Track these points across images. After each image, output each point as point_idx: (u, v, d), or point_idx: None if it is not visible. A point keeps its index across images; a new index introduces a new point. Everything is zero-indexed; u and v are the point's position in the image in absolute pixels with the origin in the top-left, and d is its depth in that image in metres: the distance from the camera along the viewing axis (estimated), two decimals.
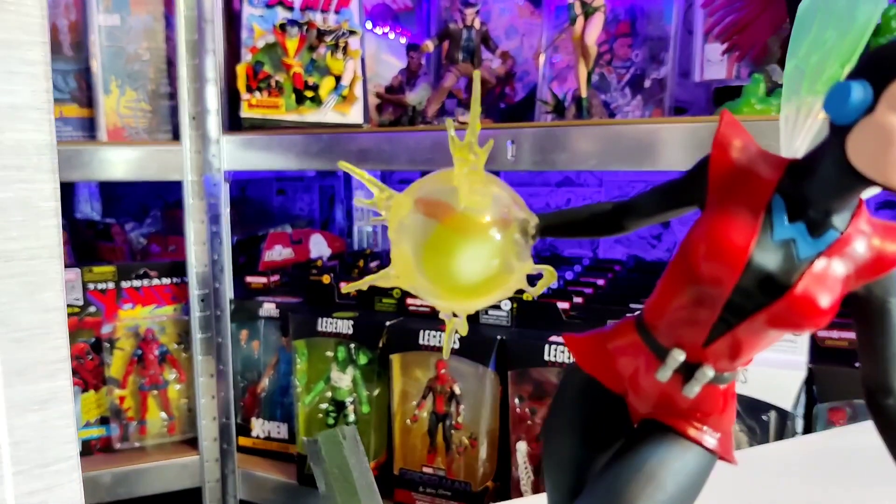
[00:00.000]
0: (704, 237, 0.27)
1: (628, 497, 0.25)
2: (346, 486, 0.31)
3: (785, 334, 0.27)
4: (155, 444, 1.22)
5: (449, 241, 0.29)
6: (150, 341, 1.20)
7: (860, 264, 0.27)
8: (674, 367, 0.27)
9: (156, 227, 1.47)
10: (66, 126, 1.15)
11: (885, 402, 0.28)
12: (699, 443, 0.27)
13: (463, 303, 0.31)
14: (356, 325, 1.07)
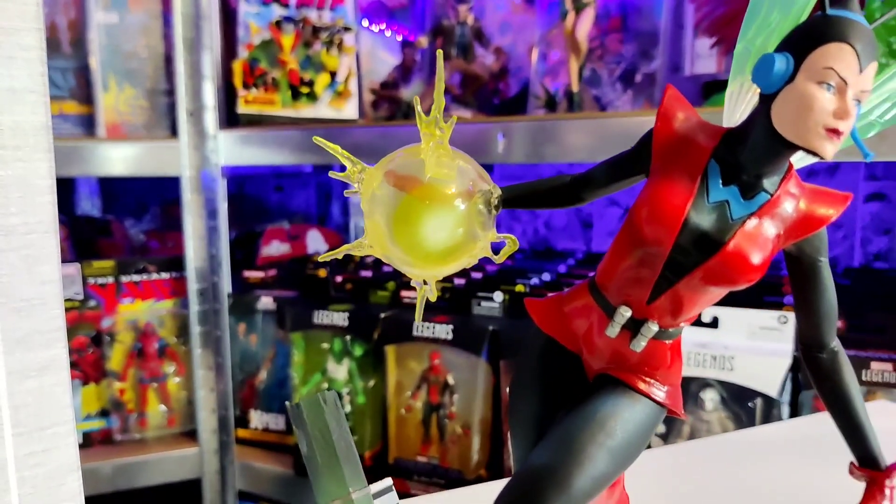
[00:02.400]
0: (646, 201, 0.29)
1: (579, 443, 0.27)
2: (327, 447, 0.32)
3: (722, 291, 0.29)
4: (155, 436, 1.23)
5: (416, 211, 0.31)
6: (150, 335, 1.21)
7: (789, 224, 0.28)
8: (621, 324, 0.29)
9: (155, 223, 1.49)
10: (66, 123, 1.17)
11: (818, 355, 0.30)
12: (648, 395, 0.29)
13: (432, 269, 0.33)
14: (351, 318, 1.09)
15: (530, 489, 0.26)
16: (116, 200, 1.68)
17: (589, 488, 0.27)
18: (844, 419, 0.30)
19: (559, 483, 0.26)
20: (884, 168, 1.18)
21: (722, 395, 0.87)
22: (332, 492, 0.32)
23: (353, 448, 0.33)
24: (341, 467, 0.33)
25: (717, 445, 0.76)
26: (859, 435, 0.30)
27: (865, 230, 1.20)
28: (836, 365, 0.30)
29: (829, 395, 0.30)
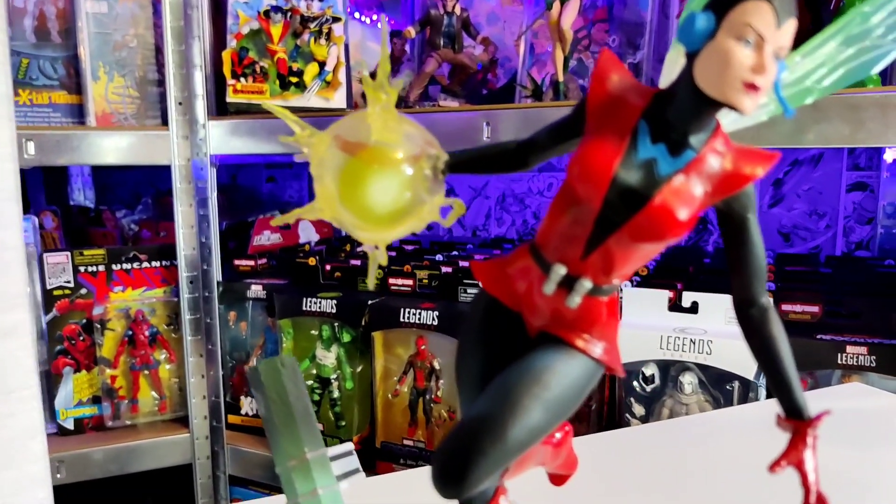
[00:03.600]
0: (577, 159, 0.30)
1: (515, 395, 0.28)
2: (284, 409, 0.34)
3: (652, 248, 0.30)
4: (146, 422, 1.25)
5: (362, 174, 0.32)
6: (141, 322, 1.23)
7: (716, 181, 0.29)
8: (557, 281, 0.30)
9: (147, 213, 1.50)
10: (56, 112, 1.18)
11: (749, 311, 0.31)
12: (584, 352, 0.30)
13: (380, 232, 0.34)
14: (339, 305, 1.10)
15: (467, 439, 0.27)
16: (110, 191, 1.69)
17: (524, 438, 0.28)
18: (773, 373, 0.31)
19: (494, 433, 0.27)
20: (866, 158, 1.19)
21: (700, 378, 0.88)
22: (288, 452, 0.34)
23: (311, 411, 0.35)
24: (298, 429, 0.34)
25: (695, 424, 0.77)
26: (786, 387, 0.31)
27: (848, 220, 1.21)
28: (766, 321, 0.31)
29: (759, 350, 0.31)
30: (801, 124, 0.83)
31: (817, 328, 0.89)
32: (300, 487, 0.33)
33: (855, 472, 0.62)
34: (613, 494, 0.59)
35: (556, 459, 0.35)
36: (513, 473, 0.31)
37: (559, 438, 0.34)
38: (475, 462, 0.27)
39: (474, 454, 0.27)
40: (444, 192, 0.34)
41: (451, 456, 0.27)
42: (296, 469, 0.33)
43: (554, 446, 0.34)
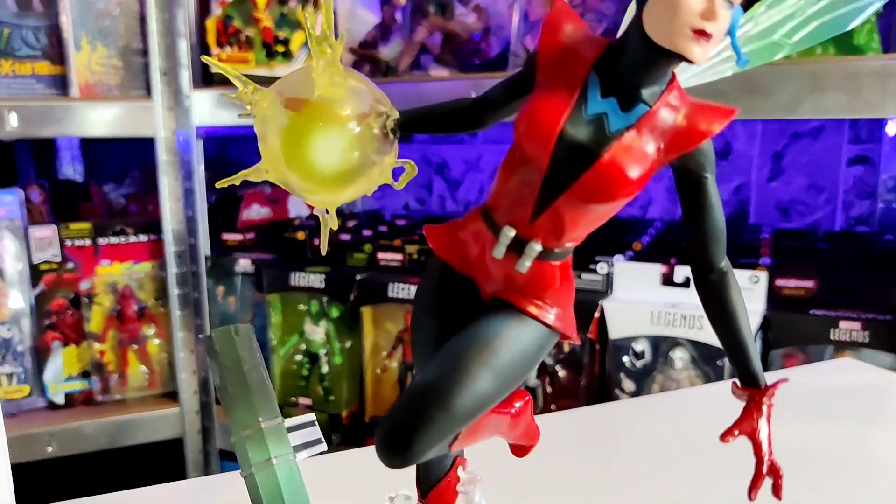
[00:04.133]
0: (524, 115, 0.28)
1: (463, 362, 0.27)
2: (239, 378, 0.32)
3: (603, 209, 0.28)
4: (136, 396, 1.24)
5: (305, 131, 0.30)
6: (129, 297, 1.21)
7: (670, 137, 0.27)
8: (506, 244, 0.29)
9: (135, 187, 1.48)
10: (39, 83, 1.15)
11: (707, 277, 0.29)
12: (536, 318, 0.28)
13: (328, 194, 0.32)
14: (328, 279, 1.09)
15: (413, 406, 0.26)
16: (99, 165, 1.67)
17: (472, 407, 0.26)
18: (729, 339, 0.30)
19: (441, 400, 0.26)
20: (868, 131, 1.17)
21: (692, 354, 0.87)
22: (243, 421, 0.32)
23: (267, 380, 0.33)
24: (252, 397, 0.32)
25: (684, 398, 0.76)
26: (742, 354, 0.29)
27: (848, 194, 1.19)
28: (724, 285, 0.29)
29: (716, 316, 0.30)
30: (797, 94, 0.81)
31: (811, 304, 0.87)
32: (254, 457, 0.32)
33: (844, 449, 0.61)
34: (601, 468, 0.58)
35: (515, 430, 0.33)
36: (463, 443, 0.30)
37: (518, 408, 0.33)
38: (421, 430, 0.26)
39: (420, 422, 0.26)
40: (395, 153, 0.32)
41: (396, 424, 0.26)
42: (250, 438, 0.32)
43: (512, 416, 0.33)
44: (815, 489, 0.55)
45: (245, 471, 0.32)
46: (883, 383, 0.75)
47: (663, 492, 0.55)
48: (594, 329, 0.92)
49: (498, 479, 0.55)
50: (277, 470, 0.32)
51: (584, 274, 0.97)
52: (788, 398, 0.73)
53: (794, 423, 0.67)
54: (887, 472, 0.59)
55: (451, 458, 0.34)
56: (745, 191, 1.27)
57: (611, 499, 0.54)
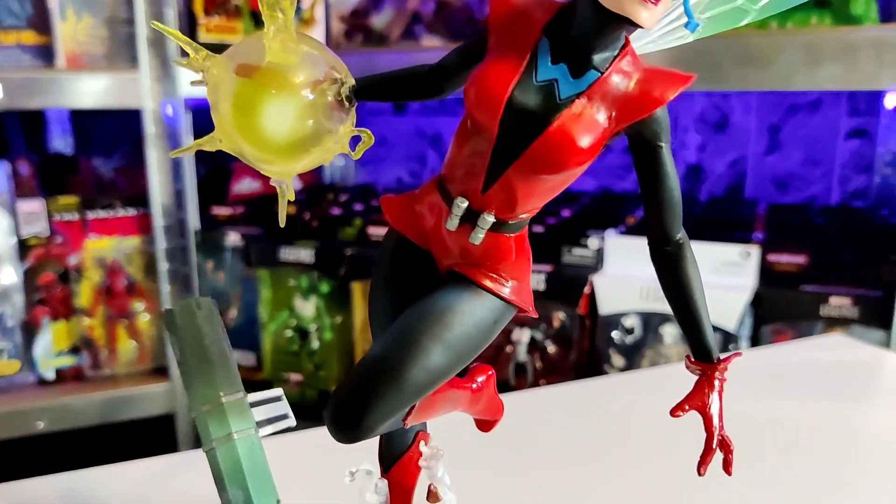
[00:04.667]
0: (473, 81, 0.27)
1: (415, 335, 0.26)
2: (199, 352, 0.31)
3: (556, 179, 0.27)
4: (126, 372, 1.24)
5: (255, 98, 0.29)
6: (117, 272, 1.21)
7: (621, 104, 0.26)
8: (459, 216, 0.28)
9: (125, 160, 1.46)
10: (25, 54, 1.13)
11: (663, 249, 0.29)
12: (492, 291, 0.28)
13: (283, 165, 0.31)
14: (317, 254, 1.08)
15: (364, 381, 0.25)
16: (90, 138, 1.65)
17: (423, 380, 0.26)
18: (683, 312, 0.29)
19: (392, 373, 0.25)
20: (866, 103, 1.15)
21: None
22: (203, 396, 0.31)
23: (229, 355, 0.32)
24: (213, 371, 0.32)
25: (673, 373, 0.75)
26: (696, 328, 0.28)
27: (845, 168, 1.18)
28: (680, 258, 0.28)
29: (671, 288, 0.29)
30: (793, 65, 0.79)
31: (803, 279, 0.86)
32: (214, 431, 0.31)
33: (832, 424, 0.61)
34: (588, 443, 0.57)
35: (477, 405, 0.33)
36: (419, 417, 0.29)
37: (480, 383, 0.32)
38: (371, 405, 0.25)
39: (370, 397, 0.25)
40: (353, 121, 0.31)
41: (346, 399, 0.25)
42: (210, 413, 0.31)
43: (473, 391, 0.32)
44: (803, 464, 0.55)
45: (206, 446, 0.31)
46: (872, 359, 0.75)
47: (651, 467, 0.54)
48: (584, 304, 0.91)
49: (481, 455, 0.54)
50: (238, 445, 0.31)
51: (575, 249, 0.96)
52: (777, 374, 0.73)
53: (782, 398, 0.67)
54: (875, 448, 0.59)
55: (413, 433, 0.33)
56: (742, 164, 1.25)
57: (598, 474, 0.54)
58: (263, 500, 0.31)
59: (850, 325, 0.82)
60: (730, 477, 0.29)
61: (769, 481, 0.52)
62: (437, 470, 0.32)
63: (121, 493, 0.52)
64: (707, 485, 0.51)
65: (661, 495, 0.50)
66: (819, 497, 0.50)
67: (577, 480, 0.52)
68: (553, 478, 0.53)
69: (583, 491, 0.51)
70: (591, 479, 0.53)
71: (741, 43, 0.82)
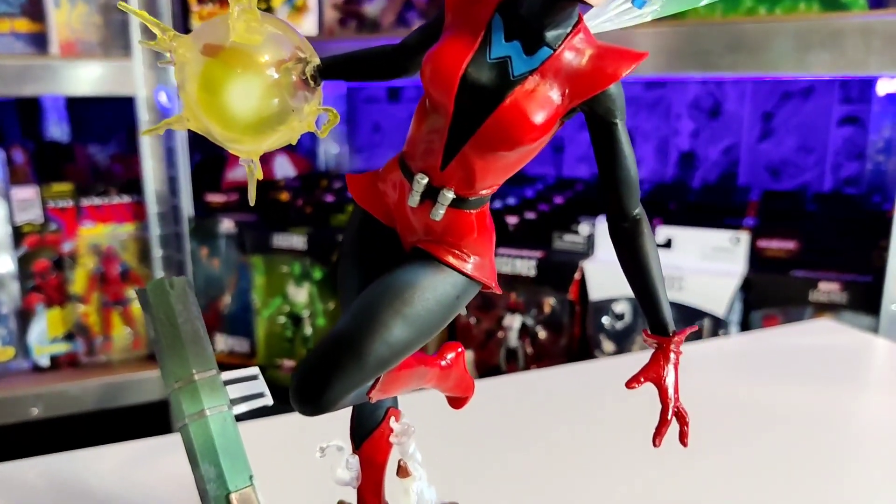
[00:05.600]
0: (429, 59, 0.27)
1: (376, 311, 0.26)
2: (172, 330, 0.32)
3: (511, 156, 0.27)
4: (121, 358, 1.24)
5: (220, 77, 0.30)
6: (112, 258, 1.21)
7: (574, 80, 0.27)
8: (420, 192, 0.28)
9: (120, 148, 1.47)
10: (18, 41, 1.13)
11: (621, 225, 0.29)
12: (454, 267, 0.28)
13: (249, 143, 0.31)
14: (310, 240, 1.08)
15: (325, 355, 0.26)
16: (85, 126, 1.66)
17: (384, 354, 0.26)
18: (640, 286, 0.29)
19: (353, 348, 0.25)
20: (858, 91, 1.15)
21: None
22: (176, 373, 0.32)
23: (203, 334, 0.33)
24: (185, 350, 0.32)
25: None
26: (653, 302, 0.29)
27: (837, 155, 1.18)
28: (637, 234, 0.29)
29: (628, 263, 0.29)
30: (782, 52, 0.79)
31: (792, 265, 0.86)
32: (187, 408, 0.31)
33: (820, 408, 0.61)
34: (575, 425, 0.58)
35: (446, 381, 0.33)
36: (385, 392, 0.29)
37: (450, 360, 0.33)
38: (333, 378, 0.25)
39: (332, 370, 0.25)
40: (319, 101, 0.31)
41: (308, 372, 0.26)
42: (183, 390, 0.32)
43: (442, 369, 0.32)
44: (791, 446, 0.55)
45: (179, 423, 0.32)
46: (860, 344, 0.75)
47: (638, 448, 0.55)
48: (575, 290, 0.91)
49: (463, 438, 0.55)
50: (211, 421, 0.32)
51: (566, 235, 0.96)
52: (766, 358, 0.73)
53: (770, 382, 0.67)
54: (863, 431, 0.60)
55: (384, 409, 0.34)
56: (735, 152, 1.25)
57: (584, 455, 0.54)
58: (236, 475, 0.32)
59: (839, 311, 0.83)
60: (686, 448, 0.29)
61: (758, 463, 0.53)
62: (408, 446, 0.32)
63: (106, 475, 0.53)
64: (695, 466, 0.51)
65: (649, 475, 0.51)
66: (807, 478, 0.51)
67: (560, 461, 0.53)
68: (534, 459, 0.53)
69: (566, 470, 0.52)
70: (573, 460, 0.53)
71: (732, 29, 0.82)
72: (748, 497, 0.48)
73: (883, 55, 0.75)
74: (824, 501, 0.48)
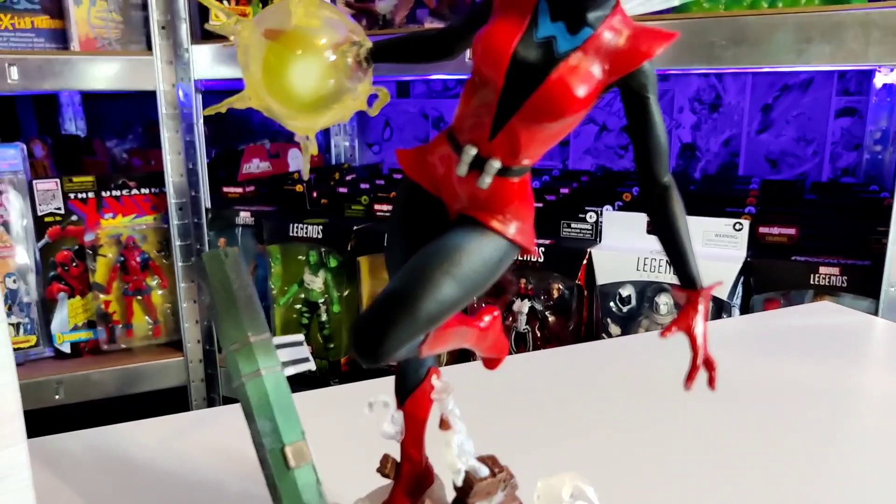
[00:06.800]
0: (480, 39, 0.30)
1: (427, 271, 0.29)
2: (227, 297, 0.35)
3: (554, 127, 0.30)
4: (141, 346, 1.28)
5: (283, 59, 0.33)
6: (132, 249, 1.24)
7: (613, 58, 0.29)
8: (468, 162, 0.31)
9: (137, 142, 1.50)
10: (39, 38, 1.17)
11: (653, 191, 0.32)
12: (497, 230, 0.31)
13: (307, 120, 0.34)
14: (326, 230, 1.12)
15: (380, 311, 0.29)
16: (101, 121, 1.69)
17: (435, 311, 0.29)
18: (671, 246, 0.32)
19: (406, 305, 0.28)
20: (856, 83, 1.18)
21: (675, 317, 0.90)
22: (232, 336, 0.35)
23: (255, 301, 0.36)
24: (240, 315, 0.35)
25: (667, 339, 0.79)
26: (682, 259, 0.32)
27: (836, 146, 1.21)
28: (667, 198, 0.32)
29: (660, 226, 0.32)
30: (782, 44, 0.82)
31: (793, 250, 0.90)
32: (243, 368, 0.34)
33: (821, 386, 0.64)
34: (583, 402, 0.61)
35: (484, 342, 0.36)
36: (432, 348, 0.32)
37: (487, 322, 0.36)
38: (388, 332, 0.28)
39: (387, 325, 0.28)
40: (370, 81, 0.34)
41: (365, 327, 0.29)
42: (239, 352, 0.35)
43: (480, 330, 0.35)
44: (794, 420, 0.58)
45: (236, 382, 0.35)
46: (858, 324, 0.78)
47: (646, 423, 0.58)
48: (582, 276, 0.95)
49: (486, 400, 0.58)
50: (266, 380, 0.35)
51: (574, 223, 0.99)
52: (768, 338, 0.77)
53: (773, 360, 0.70)
54: (863, 407, 0.62)
55: (426, 368, 0.37)
56: (735, 143, 1.28)
57: (593, 422, 0.57)
58: (289, 430, 0.35)
59: (838, 294, 0.86)
60: (713, 392, 0.32)
61: (761, 433, 0.56)
62: (447, 402, 0.36)
63: (148, 446, 0.56)
64: (699, 437, 0.54)
65: (657, 444, 0.54)
66: (809, 448, 0.54)
67: (574, 427, 0.56)
68: (550, 422, 0.57)
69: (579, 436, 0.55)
70: (586, 427, 0.57)
71: (734, 23, 0.85)
72: (752, 465, 0.51)
73: (882, 46, 0.78)
74: (825, 471, 0.50)
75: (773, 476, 0.49)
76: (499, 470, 0.36)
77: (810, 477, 0.49)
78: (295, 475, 0.33)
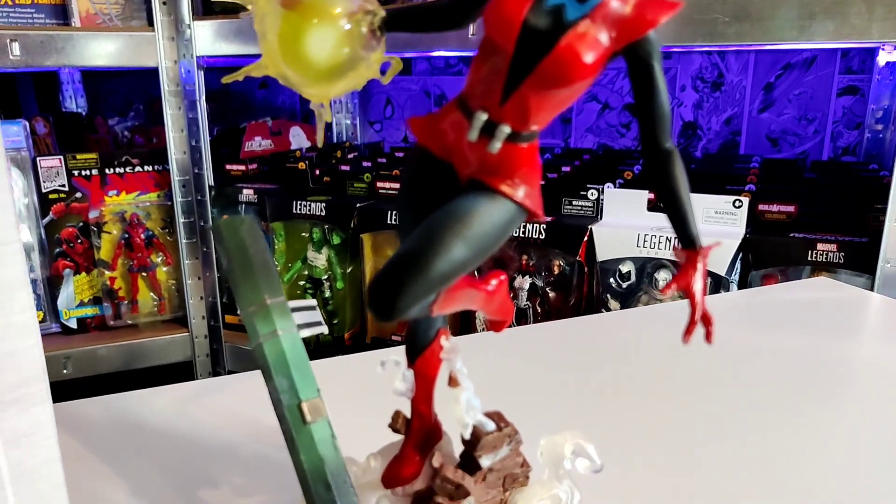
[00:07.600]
0: (492, 7, 0.31)
1: (438, 232, 0.30)
2: (244, 261, 0.36)
3: (563, 93, 0.31)
4: (147, 322, 1.29)
5: (299, 28, 0.33)
6: (137, 226, 1.25)
7: (619, 25, 0.30)
8: (479, 127, 0.32)
9: (139, 120, 1.50)
10: (39, 13, 1.17)
11: (656, 156, 0.33)
12: (506, 194, 0.32)
13: (322, 88, 0.35)
14: (329, 207, 1.13)
15: (394, 271, 0.30)
16: (102, 99, 1.69)
17: (446, 270, 0.30)
18: (672, 208, 0.33)
19: (418, 265, 0.30)
20: (859, 61, 1.18)
21: (675, 274, 0.91)
22: (250, 299, 0.36)
23: (271, 266, 0.37)
24: (257, 278, 0.36)
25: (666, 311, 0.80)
26: (682, 220, 0.33)
27: (837, 125, 1.21)
28: (670, 163, 0.33)
29: (662, 189, 0.33)
30: (785, 20, 0.83)
31: (791, 227, 0.91)
32: (261, 329, 0.36)
33: (817, 358, 0.66)
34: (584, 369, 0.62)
35: (490, 305, 0.37)
36: (442, 307, 0.34)
37: (494, 286, 0.37)
38: (402, 290, 0.29)
39: (401, 283, 0.29)
40: (383, 50, 0.35)
41: (381, 285, 0.30)
42: (257, 314, 0.36)
43: (487, 293, 0.37)
44: (791, 393, 0.59)
45: (253, 342, 0.36)
46: (855, 299, 0.80)
47: (645, 389, 0.59)
48: (583, 252, 0.96)
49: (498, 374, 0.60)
50: (283, 340, 0.36)
51: (575, 200, 1.00)
52: (766, 311, 0.78)
53: (771, 332, 0.71)
54: (858, 379, 0.64)
55: (435, 329, 0.38)
56: (737, 122, 1.29)
57: (593, 393, 0.59)
58: (306, 387, 0.36)
59: (836, 270, 0.87)
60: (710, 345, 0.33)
61: (758, 404, 0.57)
62: (455, 361, 0.37)
63: (163, 411, 0.58)
64: (697, 407, 0.56)
65: (654, 408, 0.55)
66: (805, 416, 0.55)
67: (576, 391, 0.58)
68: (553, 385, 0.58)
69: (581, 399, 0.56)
70: (587, 391, 0.58)
71: (738, 0, 0.85)
72: (748, 434, 0.53)
73: (886, 22, 0.79)
74: (821, 441, 0.52)
75: (770, 445, 0.51)
76: (504, 425, 0.37)
77: (806, 446, 0.51)
78: (311, 429, 0.35)
